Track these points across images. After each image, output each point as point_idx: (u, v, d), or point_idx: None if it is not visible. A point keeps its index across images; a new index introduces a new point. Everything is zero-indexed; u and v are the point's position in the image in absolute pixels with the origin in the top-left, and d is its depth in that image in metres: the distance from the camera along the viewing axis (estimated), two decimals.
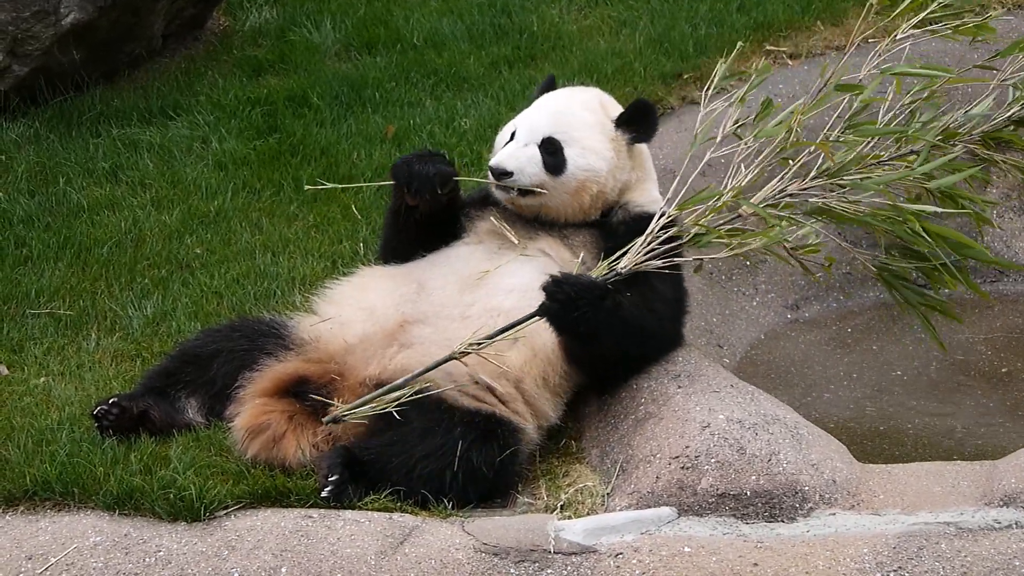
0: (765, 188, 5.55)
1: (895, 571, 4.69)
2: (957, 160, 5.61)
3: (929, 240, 5.42)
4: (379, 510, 5.00)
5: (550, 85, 5.96)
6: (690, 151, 5.66)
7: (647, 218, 5.55)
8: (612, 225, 5.67)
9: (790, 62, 5.68)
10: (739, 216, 5.57)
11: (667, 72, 7.82)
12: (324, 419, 5.20)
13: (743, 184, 5.49)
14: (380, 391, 5.19)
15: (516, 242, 5.62)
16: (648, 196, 5.77)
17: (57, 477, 5.09)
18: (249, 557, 4.82)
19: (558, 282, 5.29)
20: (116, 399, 5.41)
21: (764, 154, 5.53)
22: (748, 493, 4.96)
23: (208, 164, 7.57)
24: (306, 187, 6.85)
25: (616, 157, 5.67)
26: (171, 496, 4.98)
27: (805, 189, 5.50)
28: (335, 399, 5.32)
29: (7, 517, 5.06)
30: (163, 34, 8.81)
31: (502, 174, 5.62)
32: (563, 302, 5.27)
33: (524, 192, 5.65)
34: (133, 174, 7.52)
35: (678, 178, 5.60)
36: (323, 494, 5.01)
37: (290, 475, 5.15)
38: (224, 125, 7.91)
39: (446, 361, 5.24)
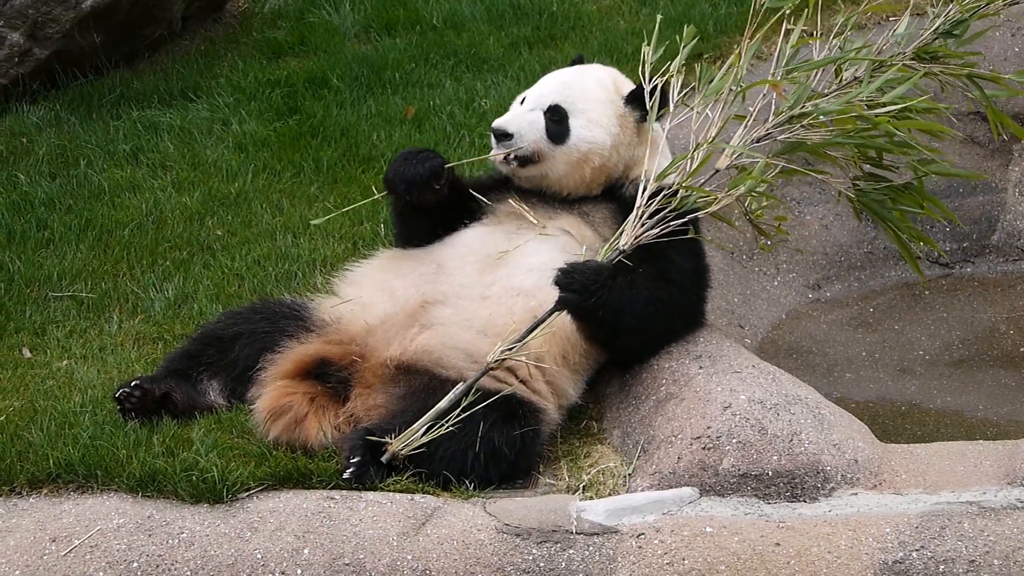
0: (732, 140, 5.55)
1: (917, 550, 4.68)
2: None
3: (902, 135, 5.46)
4: (401, 491, 5.01)
5: (579, 63, 5.96)
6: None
7: (658, 191, 5.50)
8: (627, 200, 5.61)
9: (811, 41, 5.67)
10: (716, 172, 5.56)
11: (687, 52, 7.78)
12: (383, 457, 5.09)
13: (712, 136, 5.50)
14: (427, 417, 5.11)
15: (535, 222, 5.61)
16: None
17: (80, 460, 5.12)
18: (271, 539, 4.83)
19: (568, 272, 5.29)
20: (138, 382, 5.42)
21: (723, 107, 5.57)
22: (770, 473, 4.95)
23: (228, 146, 7.57)
24: (312, 221, 6.75)
25: (622, 133, 5.65)
26: (194, 478, 4.99)
27: (769, 133, 5.53)
28: (357, 388, 5.34)
29: (31, 499, 5.09)
30: (183, 16, 8.81)
31: (502, 135, 5.63)
32: (579, 291, 5.27)
33: (524, 162, 5.64)
34: (154, 156, 7.52)
35: (659, 152, 5.61)
36: (345, 475, 5.03)
37: (312, 457, 5.16)
38: (244, 107, 7.91)
39: (483, 375, 5.21)
